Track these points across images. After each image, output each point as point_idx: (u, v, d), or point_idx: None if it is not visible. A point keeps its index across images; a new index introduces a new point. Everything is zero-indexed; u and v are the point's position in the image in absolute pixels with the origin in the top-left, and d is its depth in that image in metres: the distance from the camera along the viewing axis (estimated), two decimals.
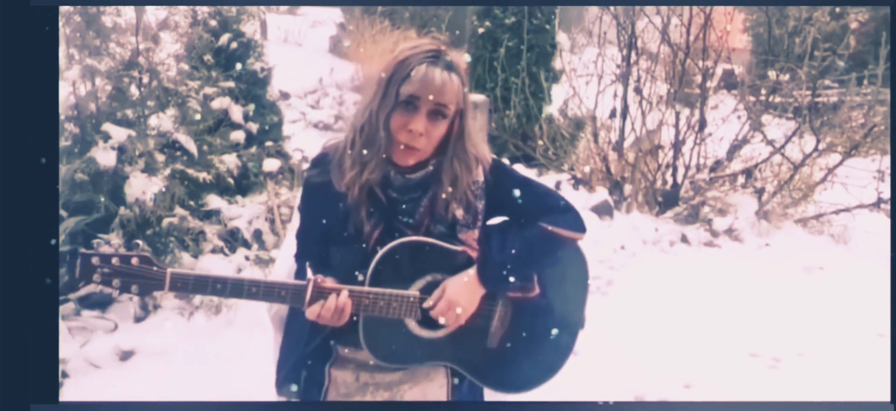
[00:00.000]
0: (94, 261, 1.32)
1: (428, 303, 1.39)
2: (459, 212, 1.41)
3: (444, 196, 1.40)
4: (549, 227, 1.44)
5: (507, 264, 1.41)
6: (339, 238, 1.41)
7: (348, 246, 1.40)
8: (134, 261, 1.33)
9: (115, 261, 1.33)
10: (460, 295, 1.39)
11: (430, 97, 1.33)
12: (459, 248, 1.41)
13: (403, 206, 1.41)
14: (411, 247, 1.38)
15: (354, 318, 1.38)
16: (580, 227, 1.48)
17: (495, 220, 1.47)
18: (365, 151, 1.38)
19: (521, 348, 1.47)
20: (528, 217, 1.45)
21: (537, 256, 1.45)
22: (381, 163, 1.38)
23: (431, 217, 1.41)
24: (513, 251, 1.41)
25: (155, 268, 1.33)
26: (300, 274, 1.47)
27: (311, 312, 1.35)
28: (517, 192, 1.46)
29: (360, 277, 1.38)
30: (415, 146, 1.36)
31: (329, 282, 1.36)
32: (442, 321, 1.39)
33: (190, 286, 1.35)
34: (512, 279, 1.43)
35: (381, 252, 1.37)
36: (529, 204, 1.46)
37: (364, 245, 1.39)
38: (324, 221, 1.42)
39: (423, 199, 1.41)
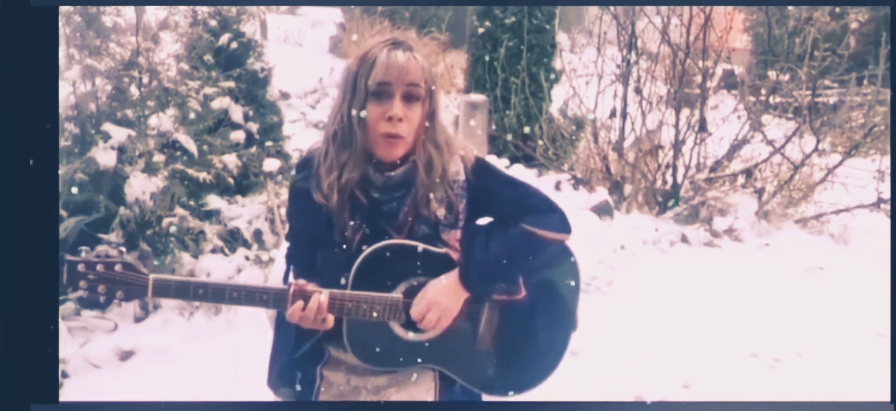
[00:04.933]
0: (80, 268, 1.33)
1: (411, 308, 1.38)
2: (441, 212, 1.40)
3: (422, 185, 1.38)
4: (532, 229, 1.41)
5: (490, 266, 1.39)
6: (323, 242, 1.40)
7: (332, 249, 1.39)
8: (117, 267, 1.34)
9: (99, 267, 1.33)
10: (442, 297, 1.37)
11: (400, 78, 1.34)
12: (443, 250, 1.39)
13: (386, 207, 1.40)
14: (394, 249, 1.37)
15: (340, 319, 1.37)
16: (565, 228, 1.45)
17: (481, 221, 1.46)
18: (341, 154, 1.37)
19: (511, 351, 1.45)
20: (511, 218, 1.42)
21: (520, 258, 1.42)
22: (359, 161, 1.37)
23: (415, 217, 1.40)
24: (495, 253, 1.39)
25: (138, 275, 1.34)
26: (289, 275, 1.47)
27: (292, 315, 1.35)
28: (500, 193, 1.44)
29: (344, 281, 1.37)
30: (397, 133, 1.35)
31: (311, 287, 1.35)
32: (424, 324, 1.38)
33: (172, 291, 1.36)
34: (495, 281, 1.41)
35: (362, 255, 1.36)
36: (513, 204, 1.43)
37: (348, 248, 1.38)
38: (309, 226, 1.41)
39: (406, 199, 1.40)
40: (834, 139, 5.50)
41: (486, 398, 1.51)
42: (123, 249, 1.41)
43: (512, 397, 1.49)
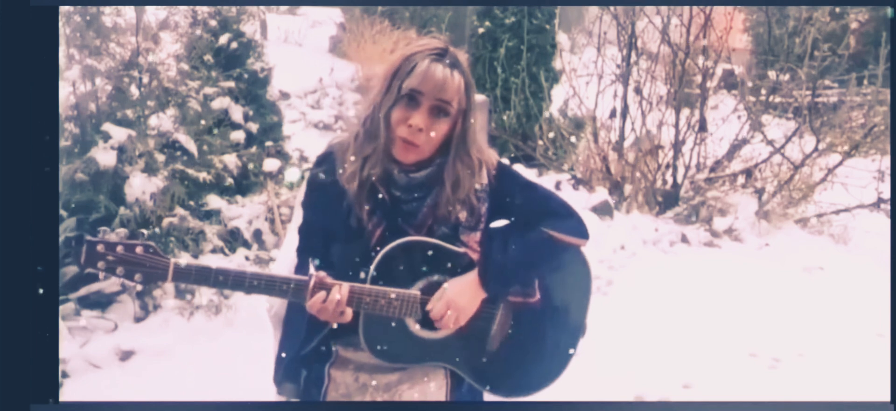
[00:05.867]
0: (100, 248, 1.31)
1: (428, 305, 1.39)
2: (463, 215, 1.41)
3: (445, 198, 1.39)
4: (551, 232, 1.43)
5: (509, 268, 1.40)
6: (341, 236, 1.41)
7: (350, 244, 1.40)
8: (138, 249, 1.32)
9: (119, 249, 1.32)
10: (460, 297, 1.39)
11: (432, 92, 1.34)
12: (462, 250, 1.41)
13: (406, 206, 1.41)
14: (414, 246, 1.38)
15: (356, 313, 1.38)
16: (583, 233, 1.48)
17: (498, 223, 1.47)
18: (366, 146, 1.38)
19: (521, 353, 1.47)
20: (530, 221, 1.44)
21: (538, 261, 1.44)
22: (381, 158, 1.38)
23: (434, 218, 1.41)
24: (514, 255, 1.41)
25: (159, 258, 1.33)
26: (301, 268, 1.47)
27: (313, 305, 1.35)
28: (520, 196, 1.46)
29: (362, 275, 1.38)
30: (414, 142, 1.36)
31: (331, 279, 1.36)
32: (440, 322, 1.39)
33: (192, 276, 1.35)
34: (513, 283, 1.42)
35: (383, 250, 1.37)
36: (532, 208, 1.46)
37: (366, 243, 1.39)
38: (326, 219, 1.42)
39: (426, 200, 1.41)
40: (834, 139, 5.51)
41: (487, 397, 1.52)
42: (145, 232, 1.40)
43: (517, 398, 1.49)
